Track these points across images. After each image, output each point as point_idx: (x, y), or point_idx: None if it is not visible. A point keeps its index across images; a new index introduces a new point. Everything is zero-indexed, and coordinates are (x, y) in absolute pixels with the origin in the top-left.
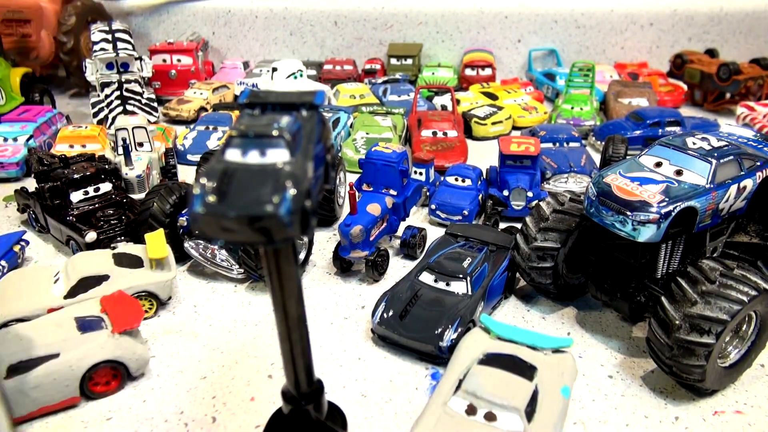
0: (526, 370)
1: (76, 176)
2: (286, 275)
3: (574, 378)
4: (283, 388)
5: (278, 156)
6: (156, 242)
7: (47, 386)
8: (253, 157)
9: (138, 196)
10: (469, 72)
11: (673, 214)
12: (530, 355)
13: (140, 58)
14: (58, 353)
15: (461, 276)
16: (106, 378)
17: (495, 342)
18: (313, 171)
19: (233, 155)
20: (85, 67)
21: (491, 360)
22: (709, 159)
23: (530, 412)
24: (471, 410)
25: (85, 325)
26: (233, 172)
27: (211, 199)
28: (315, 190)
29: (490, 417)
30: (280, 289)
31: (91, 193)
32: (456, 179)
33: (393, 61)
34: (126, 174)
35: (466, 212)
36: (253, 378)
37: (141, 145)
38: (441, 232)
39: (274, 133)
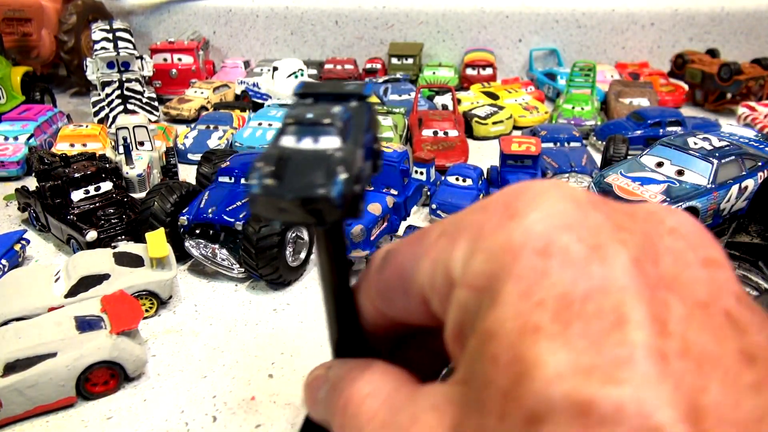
0: None
1: (76, 175)
2: (335, 255)
3: None
4: None
5: (330, 143)
6: (157, 241)
7: (43, 385)
8: (307, 144)
9: (139, 195)
10: (470, 71)
11: None
12: None
13: (141, 57)
14: (56, 352)
15: None
16: (104, 378)
17: None
18: (363, 159)
19: (288, 141)
20: (86, 66)
21: None
22: (711, 159)
23: None
24: None
25: (84, 324)
26: (288, 157)
27: (269, 182)
28: (364, 175)
29: None
30: (328, 268)
31: (92, 192)
32: (457, 179)
33: (394, 60)
34: (127, 173)
35: None
36: (253, 377)
37: (142, 144)
38: None
39: (327, 121)
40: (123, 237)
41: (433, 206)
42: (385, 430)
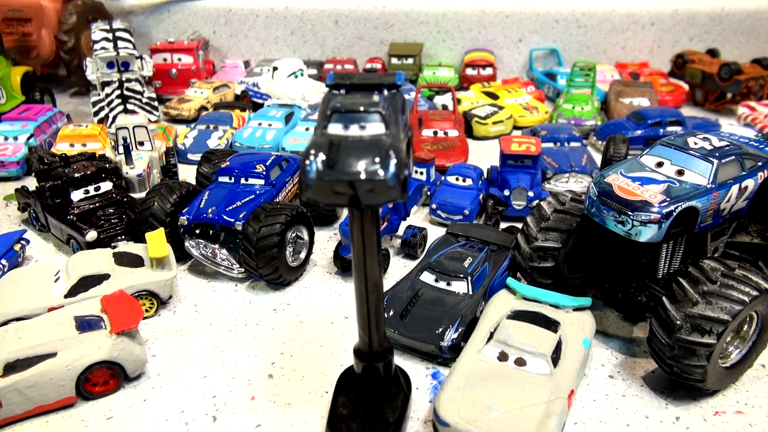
0: (551, 324)
1: (76, 175)
2: (370, 239)
3: (593, 332)
4: (355, 347)
5: (376, 129)
6: (156, 241)
7: (43, 385)
8: (355, 131)
9: (139, 195)
10: (470, 71)
11: (675, 214)
12: (553, 312)
13: (141, 57)
14: (56, 352)
15: (462, 276)
16: (104, 378)
17: (521, 302)
18: (406, 144)
19: (335, 129)
20: (86, 66)
21: (519, 315)
22: (711, 159)
23: (555, 358)
24: (503, 357)
25: (84, 324)
26: (339, 143)
27: (323, 168)
28: (408, 160)
29: (519, 362)
30: (362, 251)
31: (92, 192)
32: (457, 179)
33: (394, 60)
34: (127, 173)
35: (467, 212)
36: (253, 377)
37: (142, 144)
38: (442, 231)
39: (371, 109)
40: (123, 237)
41: (433, 206)
42: None
